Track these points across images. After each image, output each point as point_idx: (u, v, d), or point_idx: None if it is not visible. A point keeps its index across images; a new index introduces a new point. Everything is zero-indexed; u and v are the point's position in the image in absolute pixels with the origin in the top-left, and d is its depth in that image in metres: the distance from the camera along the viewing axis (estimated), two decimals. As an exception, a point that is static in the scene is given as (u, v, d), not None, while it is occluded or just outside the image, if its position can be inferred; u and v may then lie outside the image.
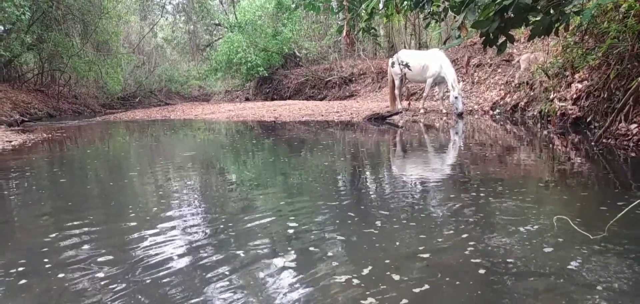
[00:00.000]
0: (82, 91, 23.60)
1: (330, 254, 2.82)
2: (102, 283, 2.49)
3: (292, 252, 2.84)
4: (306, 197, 4.42)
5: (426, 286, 2.34)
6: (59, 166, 6.82)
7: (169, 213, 3.83)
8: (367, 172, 5.83)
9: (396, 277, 2.44)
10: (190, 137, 11.17)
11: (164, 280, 2.49)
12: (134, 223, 3.56)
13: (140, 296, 2.32)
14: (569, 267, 2.53)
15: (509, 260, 2.65)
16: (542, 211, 3.70)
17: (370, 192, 4.62)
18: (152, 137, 11.12)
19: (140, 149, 9.10)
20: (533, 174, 5.26)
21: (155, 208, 4.06)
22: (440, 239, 3.05)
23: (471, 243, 2.93)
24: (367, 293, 2.27)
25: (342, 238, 3.10)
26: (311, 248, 2.90)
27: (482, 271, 2.51)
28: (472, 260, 2.67)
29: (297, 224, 3.44)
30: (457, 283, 2.39)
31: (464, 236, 3.08)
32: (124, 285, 2.44)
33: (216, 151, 8.43)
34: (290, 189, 4.88)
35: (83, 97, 23.28)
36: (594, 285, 2.31)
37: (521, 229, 3.17)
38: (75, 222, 3.60)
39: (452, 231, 3.18)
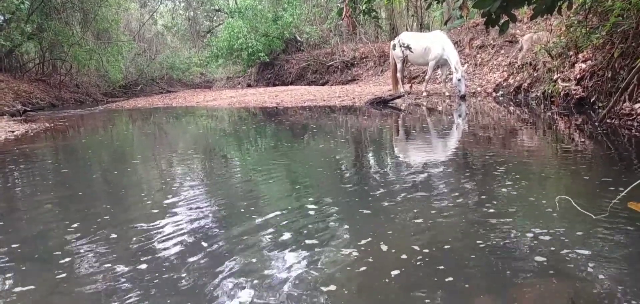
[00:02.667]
0: (83, 79, 23.53)
1: (333, 233, 2.82)
2: (107, 270, 2.49)
3: (297, 232, 2.84)
4: (310, 181, 4.41)
5: (425, 259, 2.33)
6: (62, 155, 6.83)
7: (173, 201, 3.83)
8: (370, 156, 5.81)
9: (399, 253, 2.44)
10: (193, 124, 11.16)
11: (170, 267, 2.50)
12: (138, 210, 3.57)
13: (146, 282, 2.33)
14: (570, 245, 2.53)
15: (509, 238, 2.65)
16: (544, 190, 3.69)
17: (373, 175, 4.61)
18: (154, 125, 11.12)
19: (143, 137, 9.10)
20: (536, 155, 5.24)
21: (159, 195, 4.06)
22: (440, 216, 3.06)
23: (471, 220, 2.93)
24: (367, 266, 2.28)
25: (345, 218, 3.10)
26: (315, 228, 2.90)
27: (481, 247, 2.51)
28: (472, 236, 2.68)
29: (300, 206, 3.45)
30: (456, 257, 2.39)
31: (465, 213, 3.09)
32: (129, 271, 2.45)
33: (219, 137, 8.42)
34: (293, 172, 4.88)
35: (85, 86, 23.23)
36: (594, 263, 2.31)
37: (523, 208, 3.16)
38: (79, 211, 3.61)
39: (452, 210, 3.18)
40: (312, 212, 3.33)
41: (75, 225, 3.23)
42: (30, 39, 19.30)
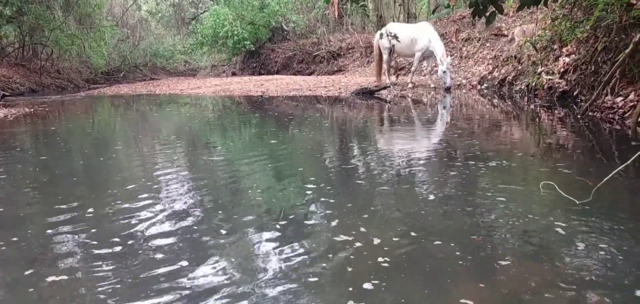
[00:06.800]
0: (65, 65, 23.07)
1: (317, 222, 2.80)
2: (88, 255, 2.45)
3: (281, 220, 2.82)
4: (294, 169, 4.39)
5: (409, 246, 2.33)
6: (42, 141, 6.69)
7: (155, 188, 3.77)
8: (355, 146, 5.80)
9: (383, 240, 2.43)
10: (176, 112, 11.03)
11: (151, 255, 2.45)
12: (120, 196, 3.50)
13: (127, 270, 2.28)
14: (554, 230, 2.56)
15: (493, 224, 2.66)
16: (528, 179, 3.72)
17: (358, 164, 4.59)
18: (137, 112, 10.97)
19: (126, 124, 8.97)
20: (519, 146, 5.28)
21: (142, 182, 4.00)
22: (424, 203, 3.06)
23: (455, 207, 2.94)
24: (351, 254, 2.27)
25: (329, 207, 3.08)
26: (299, 215, 2.88)
27: (465, 233, 2.51)
28: (456, 223, 2.69)
29: (284, 194, 3.43)
30: (440, 243, 2.40)
31: (449, 201, 3.10)
32: (110, 258, 2.40)
33: (203, 125, 8.33)
34: (277, 161, 4.84)
35: (66, 72, 22.77)
36: (578, 247, 2.34)
37: (507, 195, 3.18)
38: (59, 196, 3.54)
39: (436, 197, 3.19)
40: (296, 201, 3.31)
41: (55, 210, 3.16)
42: (10, 23, 18.86)
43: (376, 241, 2.50)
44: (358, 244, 2.47)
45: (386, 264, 2.22)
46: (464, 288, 2.01)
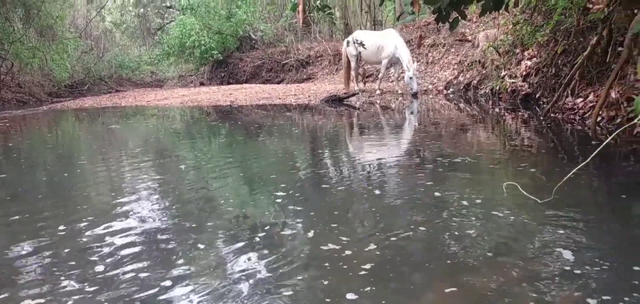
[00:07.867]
0: (26, 79, 22.29)
1: (288, 231, 2.80)
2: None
3: (252, 231, 2.81)
4: (264, 179, 4.37)
5: (379, 252, 2.36)
6: (2, 157, 6.47)
7: (122, 202, 3.70)
8: (325, 153, 5.83)
9: (353, 247, 2.45)
10: (143, 124, 10.84)
11: (120, 270, 2.40)
12: (85, 212, 3.42)
13: (93, 286, 2.23)
14: (518, 229, 2.64)
15: (460, 226, 2.72)
16: (493, 180, 3.82)
17: (328, 171, 4.61)
18: (103, 126, 10.73)
19: (90, 138, 8.76)
20: (485, 148, 5.41)
21: (107, 197, 3.92)
22: (393, 208, 3.12)
23: (423, 211, 2.99)
24: (323, 261, 2.27)
25: (300, 215, 3.08)
26: (270, 226, 2.87)
27: (432, 236, 2.56)
28: (424, 227, 2.74)
29: (255, 204, 3.41)
30: (409, 247, 2.43)
31: (417, 205, 3.15)
32: (76, 274, 2.34)
33: (171, 137, 8.22)
34: (248, 171, 4.82)
35: (28, 86, 22.03)
36: (541, 244, 2.41)
37: (473, 197, 3.25)
38: (25, 215, 3.42)
39: (404, 202, 3.23)
40: (268, 210, 3.31)
41: (22, 229, 3.06)
42: (-34, 36, 18.20)
43: (351, 248, 2.51)
44: (334, 252, 2.48)
45: (364, 272, 2.23)
46: (441, 288, 2.05)
